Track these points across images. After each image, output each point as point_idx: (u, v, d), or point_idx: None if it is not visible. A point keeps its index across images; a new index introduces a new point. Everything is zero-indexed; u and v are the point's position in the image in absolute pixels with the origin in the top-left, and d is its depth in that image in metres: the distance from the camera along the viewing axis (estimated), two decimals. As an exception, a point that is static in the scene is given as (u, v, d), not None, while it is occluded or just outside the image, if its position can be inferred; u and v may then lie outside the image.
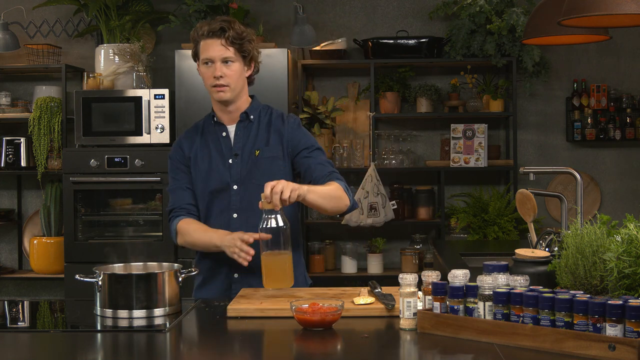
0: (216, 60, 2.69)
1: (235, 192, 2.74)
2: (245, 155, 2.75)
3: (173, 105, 4.96)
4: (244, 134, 2.78)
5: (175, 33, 5.46)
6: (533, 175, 3.03)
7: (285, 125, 2.78)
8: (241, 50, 2.71)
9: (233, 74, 2.70)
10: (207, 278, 2.81)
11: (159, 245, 4.91)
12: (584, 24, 2.98)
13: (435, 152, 5.58)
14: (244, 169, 2.74)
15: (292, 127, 2.78)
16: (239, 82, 2.74)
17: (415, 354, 1.98)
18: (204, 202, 2.80)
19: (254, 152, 2.75)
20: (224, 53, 2.68)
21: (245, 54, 2.72)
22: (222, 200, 2.75)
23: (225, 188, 2.75)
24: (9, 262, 5.67)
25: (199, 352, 2.06)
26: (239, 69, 2.72)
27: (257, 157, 2.74)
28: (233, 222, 2.73)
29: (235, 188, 2.74)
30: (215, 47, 2.68)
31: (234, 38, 2.68)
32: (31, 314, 2.59)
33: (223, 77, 2.69)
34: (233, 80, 2.71)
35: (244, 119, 2.79)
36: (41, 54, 5.38)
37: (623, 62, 5.51)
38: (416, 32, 5.53)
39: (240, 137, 2.78)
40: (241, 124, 2.79)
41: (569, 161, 5.51)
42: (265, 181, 2.54)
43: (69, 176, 4.94)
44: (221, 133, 2.80)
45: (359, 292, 2.48)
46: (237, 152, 2.76)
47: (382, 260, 5.33)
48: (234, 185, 2.74)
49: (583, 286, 2.06)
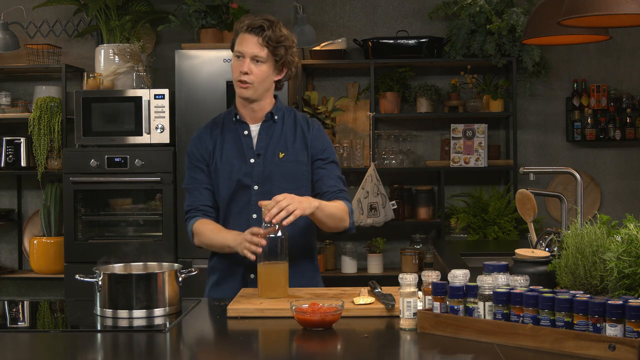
0: (247, 56, 2.65)
1: (255, 192, 2.70)
2: (268, 156, 2.71)
3: (173, 105, 4.96)
4: (268, 134, 2.74)
5: (175, 33, 5.46)
6: (533, 175, 3.03)
7: (309, 130, 2.76)
8: (274, 53, 2.66)
9: (260, 74, 2.66)
10: (222, 278, 2.78)
11: (159, 245, 4.90)
12: (584, 24, 2.98)
13: (435, 152, 5.58)
14: (266, 169, 2.70)
15: (315, 133, 2.76)
16: (264, 83, 2.69)
17: (415, 354, 1.98)
18: (223, 201, 2.75)
19: (277, 154, 2.71)
20: (256, 51, 2.64)
21: (278, 58, 2.68)
22: (242, 199, 2.71)
23: (246, 188, 2.71)
24: (9, 262, 5.67)
25: (199, 352, 2.06)
26: (267, 70, 2.67)
27: (281, 159, 2.71)
28: (252, 222, 2.69)
29: (256, 188, 2.70)
30: (249, 43, 2.65)
31: (270, 39, 2.64)
32: (31, 314, 2.59)
33: (249, 74, 2.65)
34: (258, 80, 2.66)
35: (268, 119, 2.75)
36: (41, 54, 5.38)
37: (623, 62, 5.51)
38: (416, 32, 5.53)
39: (263, 137, 2.74)
40: (265, 124, 2.75)
41: (569, 161, 5.51)
42: (286, 184, 2.55)
43: (69, 176, 4.94)
44: (242, 132, 2.75)
45: (359, 292, 2.48)
46: (259, 151, 2.72)
47: (382, 260, 5.33)
48: (255, 185, 2.70)
49: (583, 286, 2.06)
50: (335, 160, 2.79)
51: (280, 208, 2.41)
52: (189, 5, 5.18)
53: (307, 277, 2.78)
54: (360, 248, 5.46)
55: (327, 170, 2.74)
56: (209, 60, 4.88)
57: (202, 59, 4.89)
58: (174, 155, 4.89)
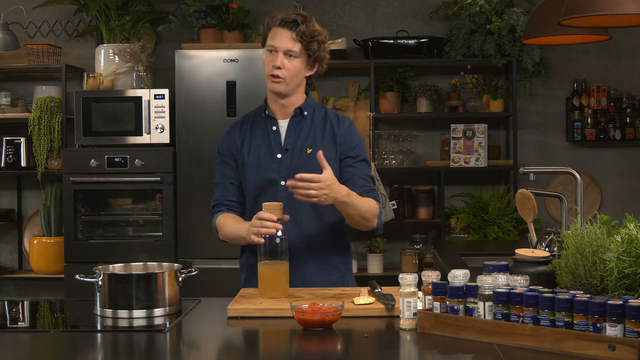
0: (279, 50, 2.63)
1: (282, 188, 2.66)
2: (296, 152, 2.69)
3: (173, 105, 4.96)
4: (296, 129, 2.71)
5: (175, 33, 5.46)
6: (533, 175, 3.03)
7: (339, 126, 2.71)
8: (307, 48, 2.64)
9: (292, 69, 2.64)
10: (250, 275, 2.74)
11: (159, 245, 4.90)
12: (584, 24, 2.98)
13: (435, 152, 5.58)
14: (293, 165, 2.67)
15: (345, 129, 2.71)
16: (296, 78, 2.67)
17: (415, 354, 1.98)
18: (250, 196, 2.73)
19: (305, 150, 2.68)
20: (290, 45, 2.62)
21: (311, 53, 2.65)
22: (269, 195, 2.67)
23: (273, 183, 2.68)
24: (9, 262, 5.67)
25: (199, 352, 2.06)
26: (299, 65, 2.65)
27: (309, 155, 2.67)
28: None
29: (283, 184, 2.66)
30: (282, 37, 2.63)
31: (304, 34, 2.62)
32: (31, 314, 2.59)
33: (281, 68, 2.63)
34: (290, 75, 2.64)
35: (297, 114, 2.72)
36: (41, 54, 5.38)
37: (623, 62, 5.51)
38: (416, 32, 5.53)
39: (292, 132, 2.71)
40: (294, 120, 2.72)
41: (569, 161, 5.51)
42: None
43: (69, 176, 4.94)
44: (271, 127, 2.73)
45: (359, 292, 2.48)
46: (287, 147, 2.70)
47: (382, 260, 5.33)
48: (282, 181, 2.67)
49: (583, 286, 2.06)
50: (366, 158, 2.73)
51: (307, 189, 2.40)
52: (189, 5, 5.18)
53: (337, 276, 2.73)
54: (360, 248, 5.45)
55: (357, 169, 2.68)
56: (209, 60, 4.88)
57: (202, 59, 4.89)
58: (174, 155, 4.89)
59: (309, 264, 2.68)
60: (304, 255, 2.66)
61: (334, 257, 2.74)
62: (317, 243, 2.68)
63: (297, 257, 2.62)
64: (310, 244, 2.67)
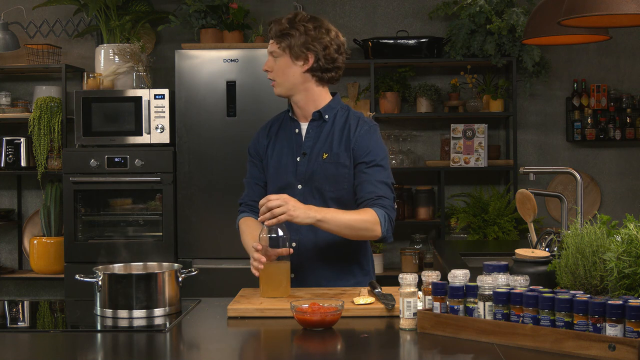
0: (268, 56, 2.70)
1: (299, 191, 2.65)
2: (313, 156, 2.67)
3: (173, 105, 4.96)
4: (316, 133, 2.70)
5: (175, 33, 5.46)
6: (533, 175, 3.03)
7: (355, 131, 2.67)
8: (281, 43, 2.64)
9: (277, 68, 2.66)
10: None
11: (159, 245, 4.90)
12: (584, 24, 2.98)
13: (435, 152, 5.58)
14: (309, 169, 2.66)
15: (360, 134, 2.66)
16: (287, 77, 2.66)
17: (415, 354, 1.98)
18: None
19: (322, 154, 2.66)
20: (271, 48, 2.68)
21: (289, 45, 2.63)
22: None
23: (291, 186, 2.67)
24: (9, 262, 5.67)
25: (199, 352, 2.06)
26: (283, 63, 2.65)
27: (324, 160, 2.65)
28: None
29: (300, 187, 2.66)
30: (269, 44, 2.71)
31: (276, 33, 2.65)
32: (31, 314, 2.59)
33: (270, 71, 2.68)
34: (278, 75, 2.67)
35: (316, 117, 2.70)
36: (41, 54, 5.38)
37: (623, 62, 5.51)
38: (416, 32, 5.53)
39: (311, 136, 2.70)
40: (314, 123, 2.71)
41: (569, 161, 5.51)
42: (328, 185, 2.55)
43: (69, 176, 4.94)
44: (294, 129, 2.73)
45: (359, 292, 2.48)
46: (305, 150, 2.69)
47: (382, 260, 5.33)
48: (299, 184, 2.67)
49: (583, 286, 2.06)
50: (382, 163, 2.65)
51: (268, 209, 2.40)
52: (189, 5, 5.18)
53: (352, 282, 2.69)
54: (360, 248, 5.45)
55: (368, 175, 2.62)
56: (209, 60, 4.88)
57: (202, 59, 4.89)
58: (174, 155, 4.89)
59: (322, 269, 2.67)
60: (318, 261, 2.66)
61: (349, 263, 2.71)
62: (332, 249, 2.66)
63: (311, 263, 2.64)
64: (325, 250, 2.66)
